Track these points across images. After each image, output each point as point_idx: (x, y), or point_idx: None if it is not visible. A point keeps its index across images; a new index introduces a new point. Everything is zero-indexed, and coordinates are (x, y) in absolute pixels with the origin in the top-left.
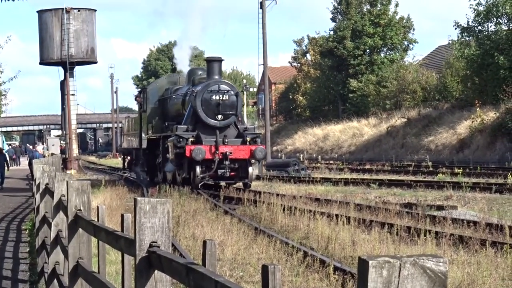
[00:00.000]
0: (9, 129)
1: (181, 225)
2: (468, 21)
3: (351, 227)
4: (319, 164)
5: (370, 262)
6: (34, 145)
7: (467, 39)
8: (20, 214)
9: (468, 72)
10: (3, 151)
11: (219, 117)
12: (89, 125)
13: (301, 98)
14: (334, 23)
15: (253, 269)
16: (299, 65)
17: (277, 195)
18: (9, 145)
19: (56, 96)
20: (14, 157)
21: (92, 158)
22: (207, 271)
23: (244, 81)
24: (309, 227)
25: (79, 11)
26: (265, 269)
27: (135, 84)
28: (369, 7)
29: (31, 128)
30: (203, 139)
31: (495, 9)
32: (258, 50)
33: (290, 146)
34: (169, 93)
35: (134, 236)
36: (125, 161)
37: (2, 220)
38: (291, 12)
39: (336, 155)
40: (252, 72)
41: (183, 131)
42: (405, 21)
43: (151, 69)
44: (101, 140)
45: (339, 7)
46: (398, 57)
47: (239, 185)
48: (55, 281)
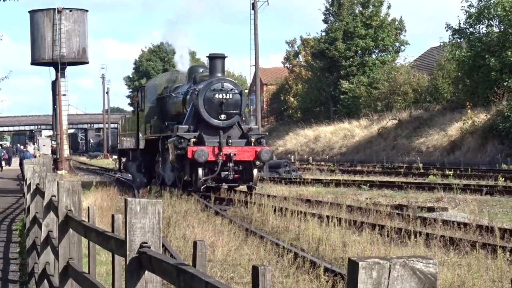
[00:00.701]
0: (0, 129)
1: (172, 225)
2: (460, 23)
3: (341, 228)
4: (310, 166)
5: (360, 263)
6: (25, 146)
7: (459, 41)
8: (10, 214)
9: (459, 74)
10: None
11: (222, 116)
12: (80, 126)
13: (292, 99)
14: (326, 25)
15: (244, 270)
16: (291, 66)
17: (268, 196)
18: (0, 146)
19: (47, 97)
20: (6, 157)
21: (83, 159)
22: (198, 272)
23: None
24: (300, 228)
25: (70, 11)
26: (255, 270)
27: (126, 84)
28: (361, 8)
29: (22, 128)
30: (206, 140)
31: (486, 11)
32: (250, 51)
33: (281, 147)
34: (168, 91)
35: (125, 237)
36: (121, 162)
37: None
38: (282, 13)
39: (327, 156)
40: (243, 73)
41: (184, 131)
42: (397, 23)
43: (142, 70)
44: (92, 141)
45: (331, 8)
46: (390, 58)
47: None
48: (45, 281)
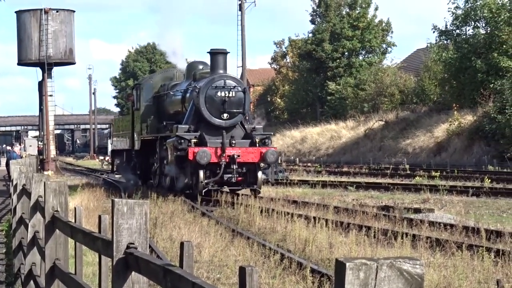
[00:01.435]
0: None
1: (158, 226)
2: (446, 25)
3: (328, 229)
4: (297, 167)
5: (347, 264)
6: (12, 146)
7: (445, 42)
8: None
9: (446, 75)
10: None
11: (225, 115)
12: (66, 126)
13: (279, 100)
14: (313, 26)
15: (230, 271)
16: (278, 67)
17: (255, 197)
18: None
19: (34, 97)
20: None
21: (70, 159)
22: (184, 272)
23: None
24: (286, 230)
25: (57, 11)
26: (242, 271)
27: (113, 85)
28: (348, 10)
29: (8, 129)
30: (207, 141)
31: (473, 13)
32: (237, 52)
33: None
34: (166, 89)
35: (112, 237)
36: (113, 163)
37: None
38: (269, 14)
39: (314, 157)
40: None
41: (184, 131)
42: (384, 24)
43: (129, 71)
44: (78, 141)
45: (318, 9)
46: (377, 60)
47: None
48: (31, 282)
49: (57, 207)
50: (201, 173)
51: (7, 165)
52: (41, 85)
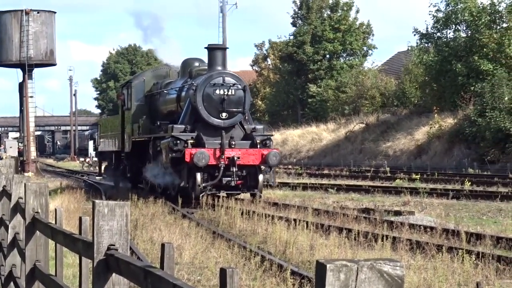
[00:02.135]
0: None
1: (139, 228)
2: (427, 28)
3: (309, 231)
4: (277, 169)
5: (328, 266)
6: None
7: (426, 45)
8: None
9: (427, 78)
10: None
11: (224, 115)
12: (47, 128)
13: (260, 102)
14: (295, 28)
15: (211, 273)
16: (259, 69)
17: (236, 199)
18: None
19: (14, 98)
20: None
21: (50, 161)
22: (165, 274)
23: None
24: (267, 232)
25: (38, 13)
26: (223, 272)
27: (94, 87)
28: (329, 12)
29: None
30: (205, 142)
31: (454, 16)
32: None
33: None
34: (159, 87)
35: (92, 239)
36: (101, 166)
37: None
38: (251, 16)
39: (295, 159)
40: None
41: (180, 131)
42: (365, 27)
43: (110, 72)
44: (59, 143)
45: (299, 12)
46: (358, 62)
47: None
48: (11, 284)
49: (37, 209)
50: (199, 176)
51: None
52: (21, 86)
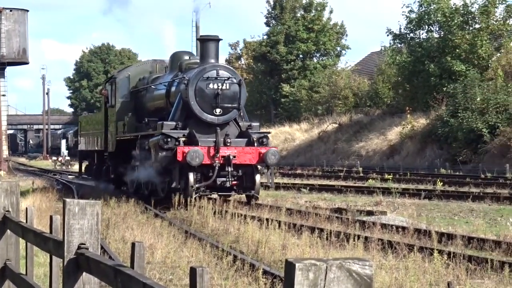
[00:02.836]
0: None
1: (111, 227)
2: (400, 28)
3: (281, 231)
4: None
5: (297, 265)
6: None
7: (399, 46)
8: None
9: (400, 79)
10: None
11: (217, 111)
12: (19, 127)
13: None
14: (268, 28)
15: (183, 272)
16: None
17: (209, 198)
18: None
19: None
20: None
21: (23, 160)
22: (135, 273)
23: None
24: (239, 231)
25: (11, 11)
26: (193, 272)
27: (67, 85)
28: (303, 12)
29: None
30: (198, 139)
31: (426, 17)
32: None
33: None
34: (146, 83)
35: (63, 238)
36: (81, 165)
37: None
38: (224, 15)
39: None
40: None
41: (171, 128)
42: (338, 27)
43: (83, 71)
44: (31, 142)
45: (273, 12)
46: (331, 62)
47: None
48: None
49: (8, 207)
50: (191, 176)
51: None
52: None
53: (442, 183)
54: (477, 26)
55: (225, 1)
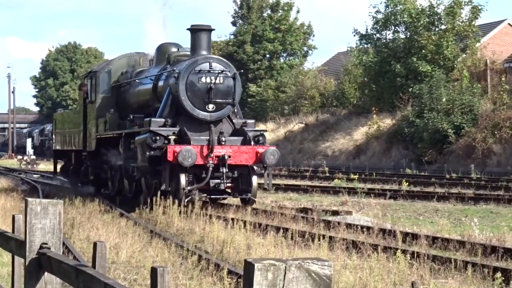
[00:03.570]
0: None
1: (75, 227)
2: (367, 29)
3: (246, 231)
4: None
5: (256, 265)
6: None
7: (365, 46)
8: None
9: (366, 79)
10: None
11: (210, 107)
12: None
13: None
14: (235, 28)
15: (147, 272)
16: None
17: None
18: None
19: None
20: None
21: None
22: (97, 273)
23: None
24: (204, 231)
25: None
26: (154, 272)
27: (33, 84)
28: (270, 12)
29: None
30: (190, 137)
31: (393, 17)
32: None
33: None
34: (129, 77)
35: (25, 238)
36: (56, 165)
37: None
38: (190, 15)
39: None
40: None
41: (159, 125)
42: (305, 27)
43: (49, 70)
44: None
45: (240, 11)
46: (298, 62)
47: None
48: None
49: None
50: (183, 177)
51: None
52: None
53: (407, 183)
54: (443, 27)
55: (191, 0)
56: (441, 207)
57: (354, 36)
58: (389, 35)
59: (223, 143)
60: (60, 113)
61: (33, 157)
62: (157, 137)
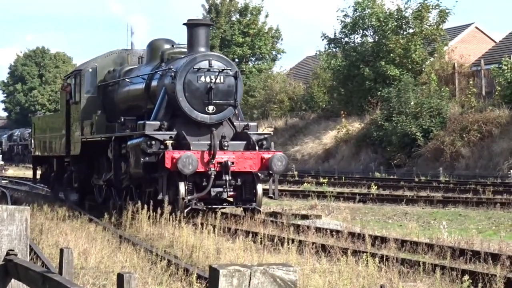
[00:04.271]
0: None
1: (44, 232)
2: (335, 33)
3: (215, 235)
4: None
5: (221, 271)
6: None
7: (334, 50)
8: None
9: (334, 83)
10: None
11: (210, 108)
12: None
13: None
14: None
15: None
16: None
17: (146, 203)
18: None
19: None
20: None
21: None
22: (63, 279)
23: None
24: (174, 236)
25: None
26: (120, 278)
27: (1, 89)
28: (238, 16)
29: None
30: (190, 142)
31: (361, 21)
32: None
33: None
34: (117, 76)
35: None
36: (35, 172)
37: None
38: (159, 19)
39: None
40: None
41: (155, 129)
42: (274, 31)
43: (17, 75)
44: None
45: (208, 15)
46: (266, 66)
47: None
48: None
49: None
50: (182, 186)
51: None
52: None
53: (376, 187)
54: (410, 31)
55: (160, 3)
56: (410, 210)
57: (323, 40)
58: (357, 39)
59: (225, 148)
60: (39, 117)
61: (1, 162)
62: (153, 142)
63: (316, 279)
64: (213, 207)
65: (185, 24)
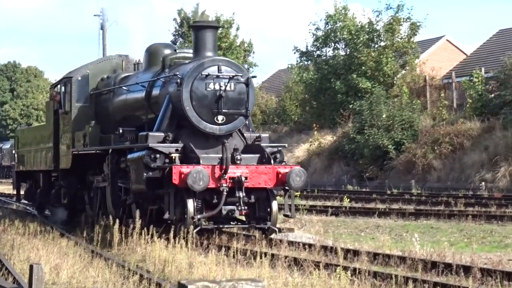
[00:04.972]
0: None
1: (16, 248)
2: (307, 46)
3: (188, 249)
4: None
5: (189, 287)
6: None
7: (306, 63)
8: None
9: (307, 96)
10: None
11: (220, 118)
12: None
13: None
14: (176, 45)
15: None
16: None
17: (119, 218)
18: None
19: None
20: None
21: None
22: None
23: None
24: (146, 250)
25: None
26: None
27: None
28: None
29: None
30: (199, 155)
31: (333, 34)
32: None
33: None
34: (112, 83)
35: None
36: (19, 189)
37: None
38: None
39: None
40: None
41: (158, 141)
42: (246, 44)
43: None
44: None
45: (180, 29)
46: None
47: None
48: None
49: None
50: (191, 203)
51: None
52: None
53: (349, 200)
54: (382, 44)
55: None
56: (382, 223)
57: (295, 53)
58: (329, 52)
59: (238, 162)
60: (23, 130)
61: None
62: (157, 155)
63: None
64: (225, 226)
65: (190, 26)
